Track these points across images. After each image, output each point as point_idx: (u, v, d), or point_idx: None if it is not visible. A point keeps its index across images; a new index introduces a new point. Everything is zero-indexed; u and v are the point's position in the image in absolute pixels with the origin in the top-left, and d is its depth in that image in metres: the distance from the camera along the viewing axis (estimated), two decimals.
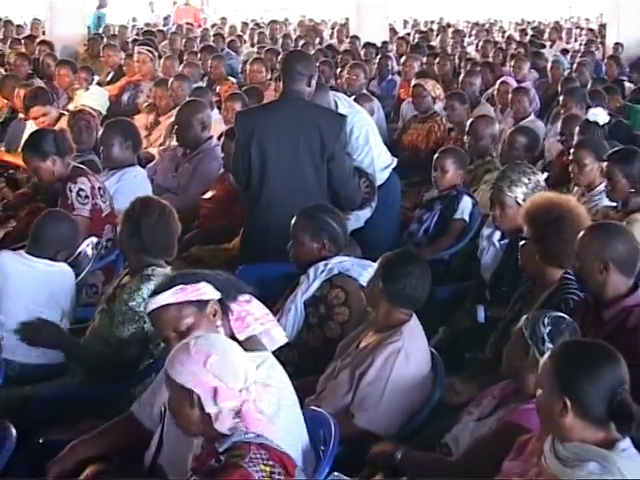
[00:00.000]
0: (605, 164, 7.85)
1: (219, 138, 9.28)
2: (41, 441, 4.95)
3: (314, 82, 7.81)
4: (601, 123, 10.23)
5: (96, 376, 5.80)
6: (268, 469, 3.76)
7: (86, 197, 7.55)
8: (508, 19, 29.65)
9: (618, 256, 5.46)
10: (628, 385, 3.95)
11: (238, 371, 3.87)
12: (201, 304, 4.55)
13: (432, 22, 28.94)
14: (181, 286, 4.55)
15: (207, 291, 4.59)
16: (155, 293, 4.64)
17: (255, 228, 7.44)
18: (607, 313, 5.46)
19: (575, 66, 16.68)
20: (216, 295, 4.61)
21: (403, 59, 17.42)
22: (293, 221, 6.27)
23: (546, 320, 4.67)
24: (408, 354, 5.33)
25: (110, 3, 25.87)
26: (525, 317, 4.79)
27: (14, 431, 3.97)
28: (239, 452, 3.77)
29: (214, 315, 4.57)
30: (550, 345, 4.45)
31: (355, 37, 20.79)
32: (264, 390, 3.95)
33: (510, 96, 12.29)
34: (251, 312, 4.63)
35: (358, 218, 7.98)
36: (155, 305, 4.55)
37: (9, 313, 5.90)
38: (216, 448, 3.84)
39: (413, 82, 13.31)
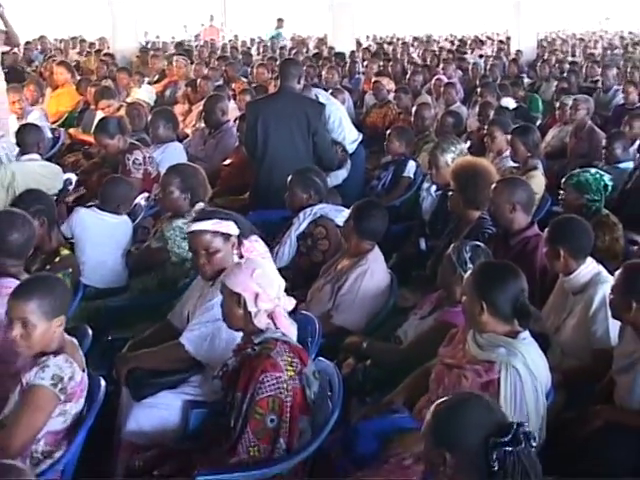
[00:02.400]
0: (510, 136, 7.86)
1: (235, 121, 9.24)
2: (110, 338, 4.95)
3: (302, 81, 7.87)
4: (510, 108, 10.25)
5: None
6: (289, 359, 3.83)
7: (140, 164, 7.52)
8: (440, 34, 29.37)
9: (522, 200, 5.49)
10: (527, 292, 3.98)
11: (274, 283, 3.95)
12: (226, 236, 4.60)
13: (387, 36, 28.94)
14: (217, 220, 4.59)
15: (232, 228, 4.63)
16: (197, 220, 4.70)
17: (261, 184, 7.42)
18: (512, 241, 5.48)
19: (489, 67, 16.60)
20: (237, 232, 4.64)
21: (365, 63, 17.52)
22: (289, 179, 6.27)
23: (467, 248, 4.69)
24: (372, 273, 5.35)
25: (155, 25, 25.58)
26: (453, 246, 4.80)
27: (90, 332, 3.96)
28: (269, 345, 3.84)
29: (233, 246, 4.60)
30: (471, 265, 4.46)
31: (331, 48, 20.70)
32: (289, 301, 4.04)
33: (442, 89, 12.21)
34: (257, 249, 4.66)
35: (337, 177, 7.97)
36: (196, 228, 4.61)
37: (88, 255, 5.89)
38: (253, 340, 3.90)
39: (373, 79, 13.26)
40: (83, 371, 3.76)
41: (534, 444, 2.77)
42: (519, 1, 21.34)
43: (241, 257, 4.57)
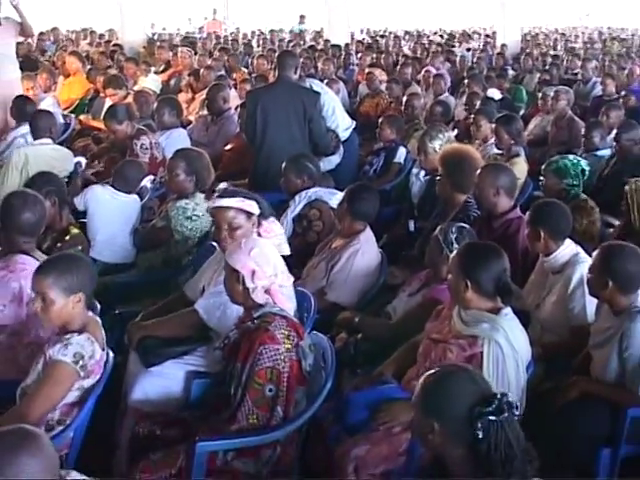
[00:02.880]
0: (494, 125, 7.85)
1: (236, 109, 9.23)
2: (117, 312, 4.94)
3: (299, 71, 7.94)
4: (496, 98, 10.24)
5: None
6: (286, 332, 3.83)
7: (146, 149, 7.53)
8: (430, 28, 29.27)
9: (505, 185, 5.49)
10: (509, 271, 3.98)
11: (270, 261, 3.94)
12: (249, 214, 4.58)
13: (379, 30, 28.80)
14: (242, 198, 4.60)
15: (254, 208, 4.61)
16: (222, 196, 4.70)
17: (259, 169, 7.40)
18: (496, 224, 5.48)
19: (475, 59, 16.60)
20: (258, 212, 4.63)
21: (359, 55, 17.54)
22: (283, 165, 6.27)
23: (453, 229, 4.68)
24: (364, 252, 5.34)
25: (161, 18, 25.46)
26: (439, 227, 4.80)
27: (99, 306, 3.95)
28: (268, 319, 3.85)
29: (253, 225, 4.59)
30: (456, 245, 4.45)
31: (327, 41, 20.62)
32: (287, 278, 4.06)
33: (431, 80, 12.23)
34: (274, 230, 4.65)
35: (330, 162, 7.97)
36: (221, 204, 4.60)
37: (100, 231, 5.89)
38: (252, 314, 3.90)
39: (366, 71, 13.30)
40: (103, 350, 3.76)
41: (517, 413, 2.78)
42: None
43: (259, 236, 4.55)
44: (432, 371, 2.93)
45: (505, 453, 2.68)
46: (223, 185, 5.73)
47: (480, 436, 2.69)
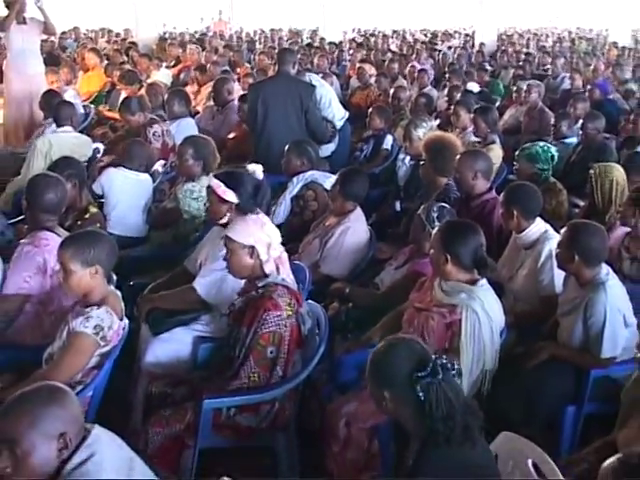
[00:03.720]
0: (472, 115, 7.84)
1: (239, 100, 9.17)
2: (131, 283, 4.92)
3: (297, 66, 7.94)
4: (475, 91, 10.21)
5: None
6: (288, 300, 3.83)
7: (158, 136, 7.50)
8: (415, 27, 29.12)
9: (482, 169, 5.48)
10: (485, 246, 3.97)
11: (278, 234, 3.97)
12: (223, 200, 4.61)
13: (369, 30, 28.71)
14: (222, 184, 4.60)
15: (231, 196, 4.59)
16: (214, 177, 4.73)
17: (260, 155, 7.29)
18: (473, 204, 5.47)
19: (456, 56, 16.56)
20: (235, 201, 4.60)
21: (351, 52, 17.50)
22: (286, 148, 6.23)
23: (435, 208, 4.66)
24: (354, 230, 5.32)
25: (172, 17, 25.31)
26: (422, 207, 4.78)
27: (115, 277, 3.94)
28: (271, 289, 3.85)
29: (228, 210, 4.60)
30: (437, 223, 4.42)
31: (322, 39, 20.62)
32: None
33: (416, 74, 12.18)
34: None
35: (327, 149, 7.94)
36: (211, 183, 4.67)
37: (115, 207, 5.87)
38: (257, 284, 3.89)
39: (357, 66, 13.28)
40: (121, 320, 3.74)
41: (453, 373, 2.81)
42: (483, 1, 21.37)
43: None
44: (377, 347, 2.96)
45: (446, 409, 2.72)
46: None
47: (422, 397, 2.73)
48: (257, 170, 4.87)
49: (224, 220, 4.55)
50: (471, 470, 2.73)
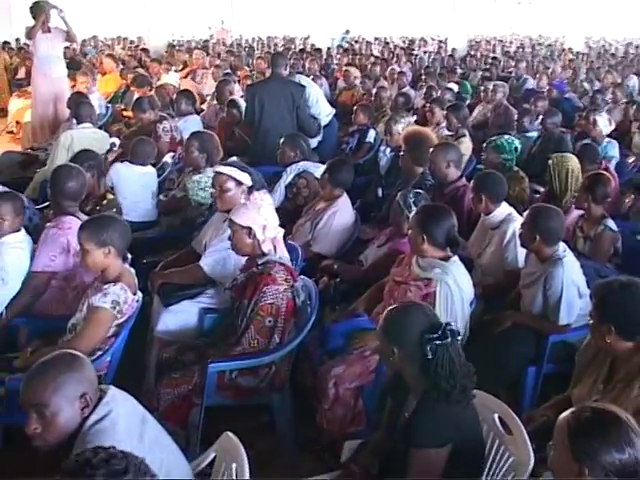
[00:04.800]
0: (445, 112, 7.83)
1: (227, 105, 8.92)
2: (144, 261, 4.89)
3: (288, 68, 7.99)
4: (455, 90, 10.22)
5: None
6: (284, 276, 3.82)
7: (167, 131, 7.43)
8: (395, 35, 28.95)
9: (454, 159, 5.48)
10: (456, 227, 3.96)
11: (274, 217, 3.95)
12: (239, 183, 4.55)
13: (354, 37, 28.45)
14: (237, 169, 4.59)
15: (246, 179, 4.59)
16: (223, 165, 4.72)
17: (257, 146, 7.31)
18: (446, 190, 5.46)
19: (431, 60, 16.54)
20: (249, 183, 4.60)
21: (338, 56, 17.46)
22: (281, 140, 6.17)
23: (412, 194, 4.64)
24: (342, 213, 5.31)
25: (180, 26, 25.12)
26: (400, 193, 4.75)
27: (129, 256, 3.90)
28: (270, 266, 3.84)
29: (242, 193, 4.55)
30: (414, 207, 4.41)
31: (313, 45, 20.56)
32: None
33: (395, 76, 12.16)
34: (264, 200, 4.59)
35: (313, 142, 7.87)
36: (219, 170, 4.61)
37: (125, 197, 5.80)
38: (257, 262, 3.89)
39: (344, 69, 13.16)
40: (135, 294, 3.71)
41: (459, 339, 2.79)
42: (454, 11, 21.40)
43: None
44: (391, 307, 2.92)
45: (449, 369, 2.71)
46: (233, 159, 5.68)
47: (429, 357, 2.72)
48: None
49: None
50: (461, 426, 2.73)
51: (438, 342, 2.72)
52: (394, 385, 2.99)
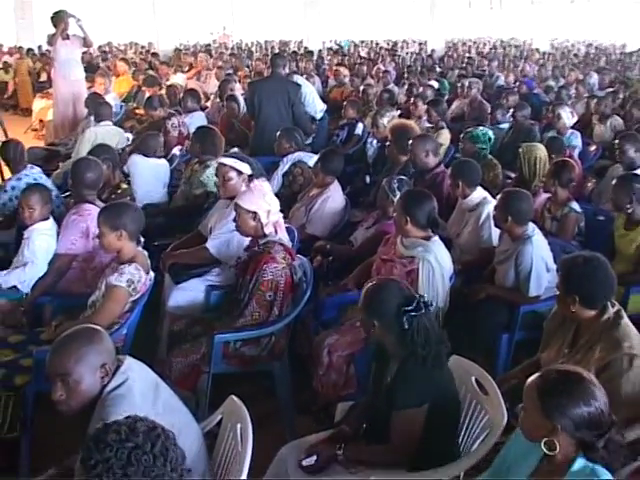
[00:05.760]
0: (426, 106, 7.79)
1: (226, 100, 8.84)
2: (156, 244, 4.85)
3: (287, 69, 7.87)
4: (435, 87, 10.19)
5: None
6: (283, 255, 3.80)
7: (175, 127, 7.42)
8: (380, 37, 28.74)
9: (433, 148, 5.46)
10: (437, 210, 3.94)
11: (276, 202, 3.92)
12: (239, 172, 4.51)
13: (343, 40, 28.41)
14: (237, 160, 4.56)
15: (246, 168, 4.54)
16: (224, 156, 4.68)
17: (257, 138, 7.25)
18: (427, 176, 5.44)
19: (412, 60, 16.45)
20: (248, 172, 4.56)
21: (329, 57, 17.30)
22: (278, 133, 6.12)
23: (395, 180, 4.62)
24: (333, 198, 5.29)
25: (186, 32, 24.97)
26: (385, 180, 4.73)
27: (142, 239, 3.87)
28: (270, 246, 3.81)
29: (243, 181, 4.51)
30: (398, 192, 4.39)
31: (306, 47, 20.41)
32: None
33: (381, 74, 12.11)
34: (263, 187, 4.54)
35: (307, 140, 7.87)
36: (222, 161, 4.58)
37: (140, 186, 5.78)
38: (258, 242, 3.87)
39: (334, 68, 13.15)
40: (147, 273, 3.68)
41: (431, 309, 2.80)
42: (433, 16, 21.34)
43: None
44: (370, 284, 2.91)
45: (424, 337, 2.71)
46: (234, 150, 5.64)
47: (406, 327, 2.72)
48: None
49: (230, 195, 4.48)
50: (437, 387, 2.73)
51: (413, 313, 2.72)
52: (377, 353, 2.99)
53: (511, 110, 8.08)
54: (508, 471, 2.39)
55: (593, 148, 7.46)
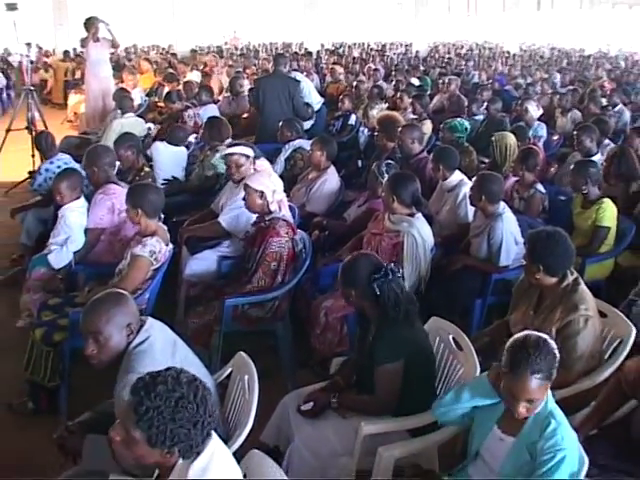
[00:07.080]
0: (411, 100, 7.71)
1: (248, 92, 8.87)
2: (174, 220, 4.80)
3: (288, 66, 7.82)
4: (415, 84, 10.06)
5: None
6: (286, 230, 3.79)
7: (191, 118, 7.40)
8: (370, 40, 28.41)
9: (417, 136, 5.45)
10: (420, 190, 3.90)
11: (281, 183, 3.91)
12: (247, 156, 4.46)
13: (339, 42, 28.06)
14: (242, 147, 4.52)
15: (250, 152, 4.50)
16: (231, 146, 4.62)
17: (262, 127, 7.13)
18: (411, 161, 5.38)
19: (399, 60, 16.30)
20: (253, 155, 4.52)
21: (326, 57, 17.11)
22: (281, 123, 6.04)
23: (384, 164, 4.57)
24: (330, 180, 5.22)
25: (201, 35, 24.69)
26: (375, 164, 4.67)
27: (162, 216, 3.83)
28: (275, 222, 3.79)
29: (250, 163, 4.47)
30: (386, 175, 4.34)
31: (306, 48, 20.16)
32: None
33: (371, 72, 11.95)
34: (264, 165, 4.52)
35: (306, 125, 7.72)
36: (230, 151, 4.52)
37: (162, 169, 5.70)
38: (265, 218, 3.84)
39: (330, 67, 12.95)
40: (167, 245, 3.65)
41: (399, 275, 2.79)
42: (417, 21, 21.16)
43: (255, 171, 4.44)
44: (345, 260, 2.91)
45: (394, 300, 2.71)
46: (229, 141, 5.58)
47: (378, 292, 2.72)
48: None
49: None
50: (411, 344, 2.73)
51: (382, 280, 2.72)
52: (359, 317, 2.99)
53: (485, 104, 8.02)
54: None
55: (556, 137, 7.42)
